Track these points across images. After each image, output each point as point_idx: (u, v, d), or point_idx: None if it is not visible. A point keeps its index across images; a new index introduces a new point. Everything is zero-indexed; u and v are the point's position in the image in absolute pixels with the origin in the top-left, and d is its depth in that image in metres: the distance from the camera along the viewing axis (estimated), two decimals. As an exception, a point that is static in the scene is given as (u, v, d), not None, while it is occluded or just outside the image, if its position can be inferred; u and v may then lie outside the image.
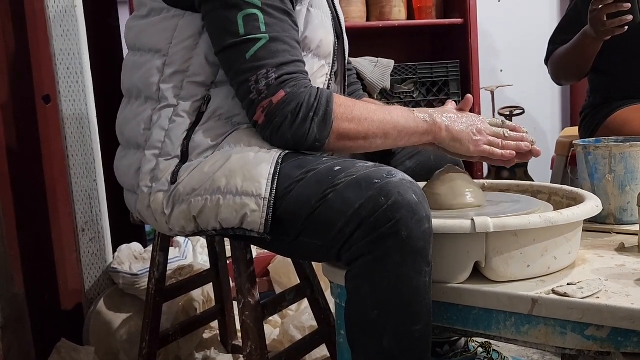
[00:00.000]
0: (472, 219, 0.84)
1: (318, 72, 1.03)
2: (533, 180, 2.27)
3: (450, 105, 1.07)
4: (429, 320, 0.84)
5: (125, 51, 1.13)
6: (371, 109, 0.96)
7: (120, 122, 1.07)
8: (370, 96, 2.04)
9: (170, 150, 0.96)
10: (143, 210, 0.99)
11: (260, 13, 0.90)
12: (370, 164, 0.88)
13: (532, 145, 1.04)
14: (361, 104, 0.97)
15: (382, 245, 0.81)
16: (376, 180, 0.83)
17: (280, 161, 0.90)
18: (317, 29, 1.00)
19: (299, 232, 0.88)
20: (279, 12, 0.92)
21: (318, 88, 0.93)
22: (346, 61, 1.18)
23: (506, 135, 1.02)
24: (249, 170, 0.89)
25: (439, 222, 0.85)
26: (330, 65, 1.06)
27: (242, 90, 0.92)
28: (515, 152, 1.02)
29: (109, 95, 1.43)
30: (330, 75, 1.07)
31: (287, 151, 0.92)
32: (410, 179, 0.85)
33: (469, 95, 1.07)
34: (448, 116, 1.00)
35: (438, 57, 2.39)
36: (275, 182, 0.88)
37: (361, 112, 0.94)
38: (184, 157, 0.95)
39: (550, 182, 1.88)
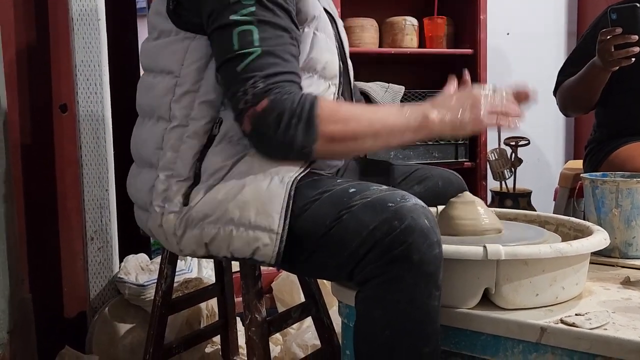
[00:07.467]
0: (485, 246, 0.85)
1: (324, 93, 1.02)
2: (536, 210, 2.29)
3: (450, 87, 1.02)
4: (438, 344, 0.85)
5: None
6: (358, 108, 0.95)
7: (134, 140, 1.09)
8: None
9: (182, 172, 0.96)
10: (155, 228, 1.00)
11: (254, 28, 0.91)
12: (384, 187, 0.90)
13: (530, 94, 1.03)
14: (347, 104, 0.95)
15: (394, 268, 0.82)
16: (390, 204, 0.85)
17: (292, 193, 0.90)
18: (323, 51, 1.01)
19: (312, 251, 0.90)
20: (275, 29, 0.92)
21: (303, 93, 0.91)
22: (352, 85, 1.19)
23: (504, 95, 1.00)
24: (262, 204, 0.90)
25: (451, 247, 0.86)
26: (337, 85, 1.06)
27: (234, 102, 0.92)
28: (519, 112, 0.99)
29: (125, 107, 1.45)
30: (338, 95, 1.06)
31: (300, 175, 0.93)
32: (422, 203, 0.87)
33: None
34: (439, 107, 0.95)
35: (447, 85, 2.42)
36: (288, 216, 0.89)
37: (347, 113, 0.92)
38: (196, 179, 0.96)
39: (553, 213, 1.90)
